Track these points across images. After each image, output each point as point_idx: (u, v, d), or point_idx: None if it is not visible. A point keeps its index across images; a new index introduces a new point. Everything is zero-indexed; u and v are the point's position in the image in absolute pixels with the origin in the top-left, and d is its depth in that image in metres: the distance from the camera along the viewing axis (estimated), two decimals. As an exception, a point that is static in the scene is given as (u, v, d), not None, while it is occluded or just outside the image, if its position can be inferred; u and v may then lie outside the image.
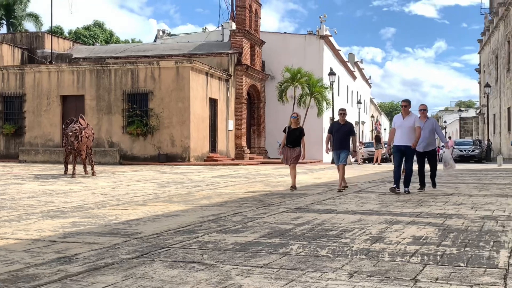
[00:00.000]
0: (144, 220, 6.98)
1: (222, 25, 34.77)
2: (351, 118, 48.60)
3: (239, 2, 31.46)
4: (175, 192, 11.20)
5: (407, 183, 10.60)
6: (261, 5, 34.26)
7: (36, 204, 8.85)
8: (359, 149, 35.83)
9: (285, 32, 38.53)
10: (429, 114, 12.55)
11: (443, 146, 12.15)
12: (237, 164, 25.37)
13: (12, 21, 43.12)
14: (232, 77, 30.08)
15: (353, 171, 20.33)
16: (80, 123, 16.43)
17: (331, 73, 32.16)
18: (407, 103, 10.69)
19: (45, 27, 35.37)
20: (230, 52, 30.35)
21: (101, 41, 48.68)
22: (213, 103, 28.01)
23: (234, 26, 31.32)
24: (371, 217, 7.07)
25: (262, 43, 33.93)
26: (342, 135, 11.24)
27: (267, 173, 18.80)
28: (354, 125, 11.75)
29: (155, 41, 40.01)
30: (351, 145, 11.45)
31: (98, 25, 53.46)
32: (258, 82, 33.39)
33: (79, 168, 17.38)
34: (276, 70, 34.46)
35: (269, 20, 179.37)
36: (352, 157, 12.02)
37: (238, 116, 30.85)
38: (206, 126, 27.07)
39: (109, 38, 51.81)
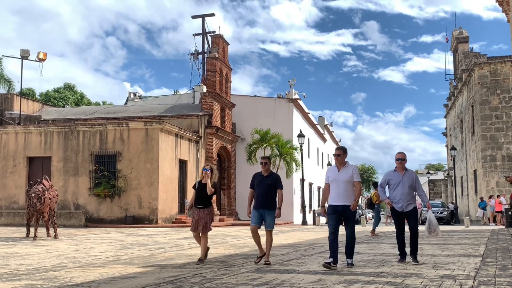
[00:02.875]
0: (99, 282, 6.78)
1: (193, 88, 35.22)
2: (321, 179, 48.93)
3: (210, 66, 32.09)
4: (137, 254, 10.95)
5: (350, 254, 8.36)
6: (231, 69, 34.98)
7: (-11, 267, 8.53)
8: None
9: (255, 95, 39.22)
10: None
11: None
12: (206, 226, 25.03)
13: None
14: (202, 139, 30.22)
15: (324, 232, 20.24)
16: (43, 184, 16.14)
17: (300, 135, 32.59)
18: (341, 151, 8.48)
19: (18, 89, 35.30)
20: (200, 114, 30.64)
21: (71, 103, 48.75)
22: (182, 164, 27.94)
23: (205, 89, 31.78)
24: (332, 277, 7.01)
25: (232, 106, 34.39)
26: (265, 189, 8.81)
27: (235, 234, 18.58)
28: (280, 177, 9.26)
29: (126, 103, 40.16)
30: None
31: (69, 87, 53.64)
32: (228, 144, 33.58)
33: (42, 231, 16.92)
34: (246, 131, 34.78)
35: (243, 85, 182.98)
36: (277, 216, 9.01)
37: (208, 177, 30.71)
38: (175, 188, 26.86)
39: (80, 100, 51.94)
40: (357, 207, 9.02)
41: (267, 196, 8.79)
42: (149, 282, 6.70)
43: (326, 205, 8.46)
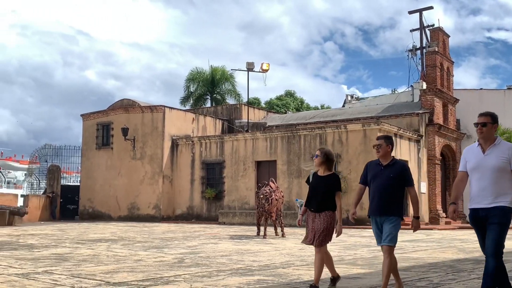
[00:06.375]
0: (325, 280, 6.95)
1: (411, 86, 34.13)
2: None
3: (429, 61, 30.74)
4: (360, 255, 10.97)
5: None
6: (453, 62, 33.01)
7: (227, 262, 9.38)
8: None
9: (481, 88, 36.41)
10: None
11: None
12: (431, 229, 23.99)
13: (215, 96, 47.81)
14: (423, 138, 29.07)
15: None
16: (270, 186, 17.22)
17: (537, 129, 29.23)
18: (488, 118, 5.18)
19: (245, 99, 38.61)
20: (420, 112, 29.52)
21: (292, 109, 51.27)
22: (403, 165, 27.21)
23: (424, 86, 30.52)
24: None
25: (455, 101, 32.42)
26: (383, 185, 5.74)
27: (464, 238, 17.43)
28: (408, 167, 6.01)
29: (343, 106, 40.77)
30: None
31: (289, 94, 56.54)
32: (452, 142, 31.72)
33: (270, 230, 18.04)
34: (472, 128, 32.29)
35: (468, 78, 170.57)
36: (414, 230, 5.81)
37: (431, 178, 29.43)
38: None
39: (300, 106, 54.31)
40: None
41: (386, 196, 5.71)
42: (373, 283, 6.66)
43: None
